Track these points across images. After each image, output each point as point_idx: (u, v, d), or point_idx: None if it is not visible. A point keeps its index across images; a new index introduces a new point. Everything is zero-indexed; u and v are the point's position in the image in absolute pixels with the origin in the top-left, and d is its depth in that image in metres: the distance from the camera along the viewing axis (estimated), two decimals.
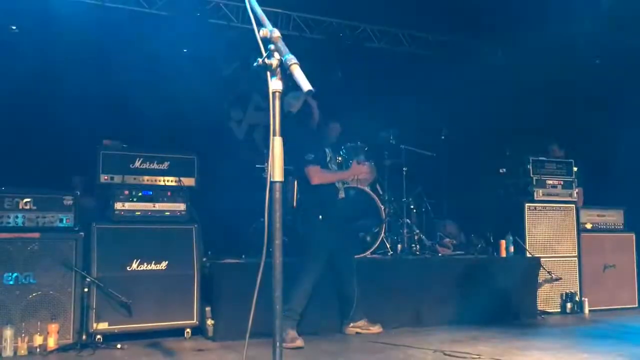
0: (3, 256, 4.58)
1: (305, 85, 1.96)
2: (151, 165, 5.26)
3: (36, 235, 4.71)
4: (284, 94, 2.01)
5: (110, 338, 4.77)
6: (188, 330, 5.12)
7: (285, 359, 2.28)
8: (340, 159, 6.20)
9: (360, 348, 4.80)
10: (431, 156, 6.73)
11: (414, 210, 6.50)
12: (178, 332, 5.07)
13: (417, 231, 6.44)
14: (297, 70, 1.96)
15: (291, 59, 1.98)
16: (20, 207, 4.74)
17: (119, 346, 4.70)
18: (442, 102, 7.54)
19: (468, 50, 8.30)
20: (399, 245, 6.24)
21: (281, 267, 1.94)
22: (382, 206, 6.28)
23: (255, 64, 2.03)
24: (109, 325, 4.82)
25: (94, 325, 4.76)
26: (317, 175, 5.07)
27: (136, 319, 4.89)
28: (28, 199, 4.77)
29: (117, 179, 5.10)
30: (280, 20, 7.64)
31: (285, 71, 1.96)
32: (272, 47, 2.00)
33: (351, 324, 5.29)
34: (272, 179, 1.93)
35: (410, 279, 5.76)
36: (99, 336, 4.76)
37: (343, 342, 5.06)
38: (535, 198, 6.79)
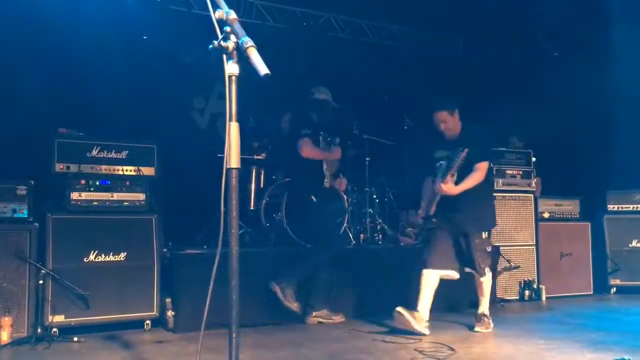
0: None
1: (262, 68, 1.91)
2: (109, 154, 5.15)
3: None
4: (240, 77, 1.97)
5: (67, 331, 4.65)
6: (148, 322, 5.03)
7: (246, 349, 2.25)
8: None
9: (322, 337, 4.79)
10: (394, 146, 6.75)
11: (377, 200, 6.52)
12: (138, 324, 4.98)
13: (380, 221, 6.46)
14: (253, 53, 1.91)
15: (247, 42, 1.93)
16: None
17: (75, 339, 4.59)
18: (404, 93, 7.57)
19: (431, 42, 8.34)
20: (362, 235, 6.27)
21: (237, 256, 1.90)
22: (345, 196, 6.28)
23: (210, 46, 1.98)
24: (65, 318, 4.71)
25: (50, 318, 4.63)
26: (307, 147, 5.37)
27: (94, 312, 4.79)
28: None
29: (73, 168, 4.97)
30: (243, 8, 7.55)
31: (242, 54, 1.92)
32: (228, 29, 1.95)
33: (313, 314, 5.29)
34: (228, 166, 1.89)
35: (373, 268, 5.78)
36: (54, 329, 4.63)
37: (304, 332, 5.05)
38: (495, 188, 6.87)
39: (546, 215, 7.18)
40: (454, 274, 4.93)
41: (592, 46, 7.30)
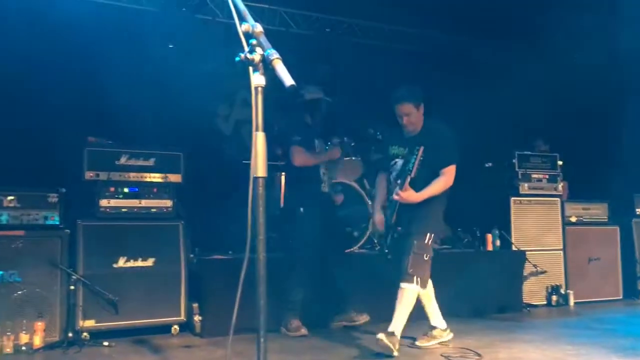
0: None
1: (288, 80, 1.96)
2: (137, 161, 5.24)
3: (21, 233, 4.68)
4: (267, 88, 2.01)
5: (97, 335, 4.76)
6: (175, 326, 5.11)
7: (272, 354, 2.30)
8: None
9: (347, 342, 4.81)
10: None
11: None
12: (165, 329, 5.07)
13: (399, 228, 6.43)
14: (279, 65, 1.96)
15: (273, 54, 1.98)
16: (5, 205, 4.71)
17: (105, 343, 4.69)
18: (429, 98, 7.55)
19: (456, 48, 8.32)
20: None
21: (265, 263, 1.94)
22: (369, 201, 6.29)
23: (237, 59, 2.03)
24: (96, 322, 4.81)
25: (81, 322, 4.74)
26: (299, 156, 5.15)
27: (123, 316, 4.88)
28: (12, 197, 4.73)
29: (103, 175, 5.08)
30: (267, 15, 7.62)
31: (267, 66, 1.97)
32: (254, 42, 2.00)
33: (339, 318, 5.31)
34: (255, 175, 1.93)
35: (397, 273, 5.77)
36: (85, 334, 4.74)
37: (330, 336, 5.08)
38: (521, 192, 6.84)
39: (573, 219, 7.11)
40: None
41: (617, 48, 7.22)
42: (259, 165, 1.94)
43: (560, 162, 7.08)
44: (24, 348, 4.49)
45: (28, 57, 5.80)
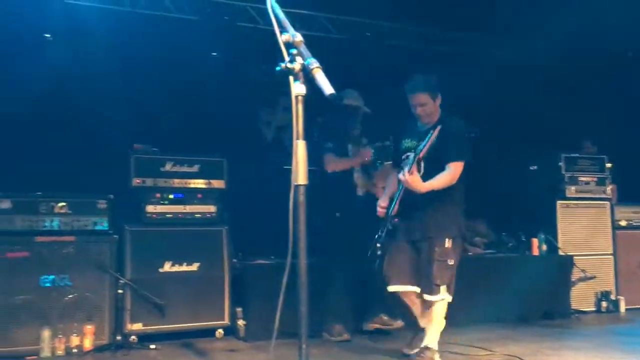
0: (40, 259, 4.69)
1: (328, 89, 1.98)
2: (181, 168, 5.35)
3: (71, 238, 4.83)
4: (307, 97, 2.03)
5: (144, 338, 4.87)
6: (220, 330, 5.19)
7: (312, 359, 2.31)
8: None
9: (387, 347, 4.79)
10: None
11: None
12: (210, 333, 5.15)
13: None
14: (319, 74, 1.98)
15: (313, 63, 2.00)
16: (56, 211, 4.87)
17: (152, 346, 4.80)
18: (470, 100, 7.47)
19: (497, 47, 8.19)
20: None
21: (306, 270, 1.96)
22: None
23: (278, 68, 2.06)
24: (143, 326, 4.93)
25: (129, 326, 4.87)
26: (330, 163, 5.19)
27: (169, 320, 4.99)
28: (63, 203, 4.89)
29: (149, 182, 5.20)
30: (306, 21, 7.67)
31: (308, 75, 1.99)
32: (294, 51, 2.03)
33: (371, 320, 5.29)
34: (296, 183, 1.96)
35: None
36: (133, 337, 4.86)
37: (369, 341, 5.06)
38: (568, 195, 6.69)
39: (623, 223, 6.91)
40: (415, 289, 4.11)
41: None
42: (300, 173, 1.96)
43: (609, 164, 6.89)
44: (75, 350, 4.64)
45: (76, 68, 5.98)
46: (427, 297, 3.99)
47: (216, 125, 6.60)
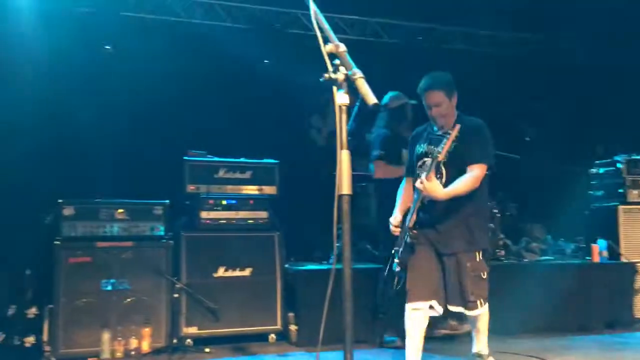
0: (101, 264, 4.87)
1: (371, 98, 1.98)
2: (234, 174, 5.45)
3: (129, 244, 4.99)
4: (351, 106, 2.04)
5: (199, 342, 4.98)
6: (272, 335, 5.25)
7: None
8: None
9: (450, 352, 4.73)
10: (515, 159, 6.52)
11: (498, 215, 6.31)
12: (262, 337, 5.21)
13: (502, 236, 6.25)
14: (362, 83, 1.99)
15: (356, 73, 2.01)
16: (115, 217, 5.04)
17: (207, 350, 4.90)
18: (525, 102, 7.32)
19: (550, 48, 7.99)
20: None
21: (350, 279, 1.97)
22: None
23: (322, 79, 2.08)
24: (198, 329, 5.04)
25: (184, 329, 4.99)
26: (378, 170, 5.14)
27: (223, 324, 5.08)
28: (122, 210, 5.06)
29: (203, 188, 5.32)
30: (357, 26, 7.68)
31: (351, 84, 2.00)
32: (337, 61, 2.04)
33: (439, 326, 5.24)
34: (340, 193, 1.96)
35: (495, 285, 5.59)
36: (189, 340, 4.98)
37: (432, 346, 5.00)
38: (630, 199, 6.43)
39: None
40: (437, 308, 3.69)
41: None
42: (344, 183, 1.97)
43: None
44: (133, 353, 4.78)
45: (134, 79, 6.18)
46: (467, 312, 3.69)
47: (268, 132, 6.70)
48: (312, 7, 2.16)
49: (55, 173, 5.61)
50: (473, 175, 3.55)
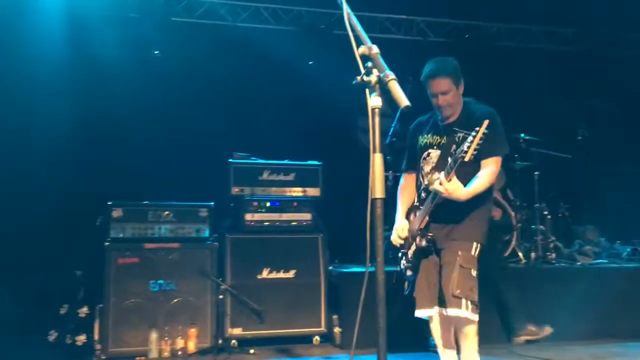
0: (149, 265, 4.96)
1: (403, 101, 1.95)
2: (278, 176, 5.47)
3: (176, 245, 5.07)
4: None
5: (244, 343, 5.02)
6: (317, 337, 5.24)
7: None
8: None
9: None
10: (566, 158, 6.32)
11: (548, 216, 6.13)
12: (306, 339, 5.21)
13: (553, 238, 6.06)
14: (395, 86, 1.95)
15: (389, 75, 1.98)
16: (162, 219, 5.13)
17: (252, 351, 4.93)
18: (578, 100, 7.08)
19: (604, 45, 7.70)
20: (533, 254, 5.92)
21: (383, 284, 1.94)
22: (512, 213, 6.01)
23: (354, 81, 2.06)
24: (243, 330, 5.07)
25: (229, 330, 5.03)
26: None
27: (267, 325, 5.10)
28: (168, 212, 5.14)
29: (247, 190, 5.36)
30: (404, 26, 7.61)
31: (384, 87, 1.97)
32: (369, 64, 2.01)
33: (517, 333, 5.14)
34: (373, 196, 1.93)
35: (545, 289, 5.45)
36: (234, 341, 5.02)
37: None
38: None
39: None
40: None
41: None
42: (377, 187, 1.94)
43: None
44: (179, 353, 4.85)
45: (180, 82, 6.30)
46: (447, 311, 3.25)
47: (312, 133, 6.70)
48: (345, 9, 2.13)
49: (105, 176, 5.77)
50: (491, 171, 3.27)
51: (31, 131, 5.81)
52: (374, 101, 1.98)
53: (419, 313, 3.40)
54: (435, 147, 3.41)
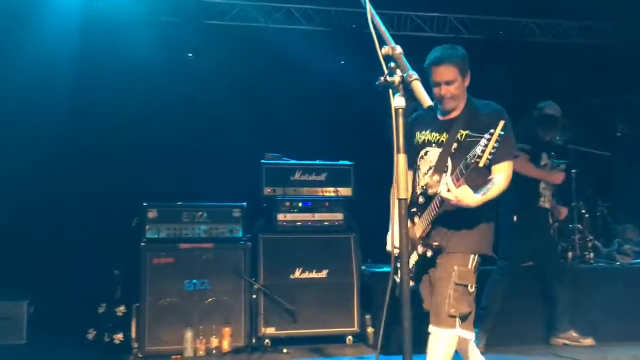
0: (184, 265, 5.05)
1: (426, 101, 1.94)
2: (310, 176, 5.50)
3: (210, 245, 5.14)
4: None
5: (277, 342, 5.06)
6: (350, 337, 5.24)
7: None
8: None
9: None
10: (604, 156, 6.17)
11: (586, 215, 5.99)
12: (339, 339, 5.22)
13: (591, 237, 5.93)
14: (418, 85, 1.95)
15: (412, 75, 1.97)
16: (196, 219, 5.21)
17: (285, 350, 4.97)
18: (617, 96, 6.89)
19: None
20: (570, 253, 5.80)
21: (408, 286, 1.93)
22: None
23: (377, 82, 2.06)
24: (276, 330, 5.12)
25: (262, 329, 5.08)
26: (520, 162, 4.83)
27: (300, 325, 5.14)
28: (202, 212, 5.22)
29: (279, 191, 5.40)
30: (436, 23, 7.53)
31: (407, 87, 1.96)
32: (392, 64, 2.01)
33: (558, 335, 5.11)
34: (397, 197, 1.93)
35: (583, 289, 5.34)
36: (267, 340, 5.06)
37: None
38: None
39: None
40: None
41: None
42: (401, 187, 1.93)
43: None
44: (214, 351, 4.92)
45: (213, 84, 6.37)
46: (434, 328, 3.00)
47: (344, 133, 6.69)
48: (369, 9, 2.13)
49: (140, 176, 5.88)
50: (506, 177, 2.99)
51: (70, 132, 5.97)
52: (398, 102, 1.97)
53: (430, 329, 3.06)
54: (434, 145, 3.12)
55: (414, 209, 3.13)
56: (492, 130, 2.59)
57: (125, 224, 5.22)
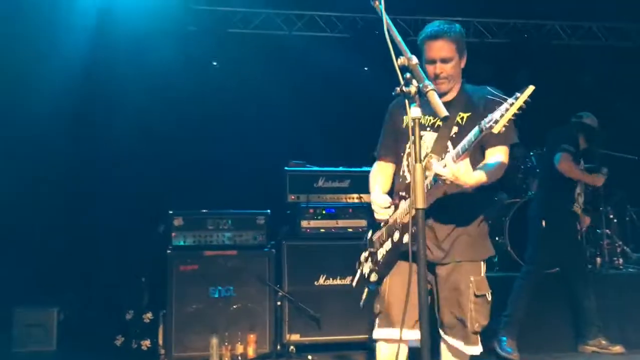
0: (209, 272, 5.08)
1: (442, 111, 1.95)
2: (333, 183, 5.51)
3: (234, 252, 5.18)
4: None
5: (302, 349, 5.06)
6: (374, 344, 5.21)
7: None
8: None
9: None
10: (634, 159, 6.06)
11: (615, 220, 5.90)
12: (364, 346, 5.19)
13: (620, 243, 5.83)
14: (433, 96, 1.95)
15: (428, 85, 1.98)
16: (221, 227, 5.26)
17: (310, 357, 4.97)
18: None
19: None
20: (598, 259, 5.71)
21: (426, 295, 1.93)
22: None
23: (393, 93, 2.07)
24: (300, 336, 5.12)
25: (287, 336, 5.09)
26: (566, 162, 4.98)
27: (324, 332, 5.13)
28: (227, 220, 5.27)
29: (303, 198, 5.42)
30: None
31: (423, 97, 1.97)
32: (408, 75, 2.02)
33: (587, 342, 5.04)
34: (415, 206, 1.93)
35: (612, 296, 5.25)
36: (292, 347, 5.07)
37: None
38: None
39: None
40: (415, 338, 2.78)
41: None
42: (419, 197, 1.93)
43: None
44: (239, 358, 4.94)
45: (238, 92, 6.45)
46: (464, 348, 2.78)
47: (367, 139, 6.68)
48: (385, 20, 2.14)
49: (165, 186, 5.97)
50: (502, 162, 2.69)
51: (97, 141, 6.09)
52: (414, 112, 1.98)
53: (387, 333, 2.89)
54: (429, 129, 2.79)
55: (403, 193, 2.79)
56: (517, 94, 2.23)
57: (152, 232, 5.30)
